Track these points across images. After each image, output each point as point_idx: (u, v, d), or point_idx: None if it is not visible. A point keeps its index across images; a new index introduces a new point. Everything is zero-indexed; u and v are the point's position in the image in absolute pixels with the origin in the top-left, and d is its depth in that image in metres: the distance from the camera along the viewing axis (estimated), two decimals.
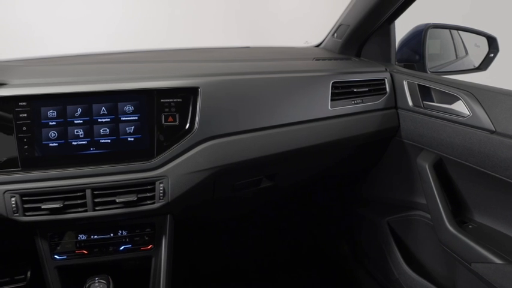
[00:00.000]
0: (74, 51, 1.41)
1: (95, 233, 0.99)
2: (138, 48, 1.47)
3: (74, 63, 1.14)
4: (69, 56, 1.35)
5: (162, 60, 1.19)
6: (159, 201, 0.94)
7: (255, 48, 1.63)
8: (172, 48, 1.55)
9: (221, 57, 1.32)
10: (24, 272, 1.40)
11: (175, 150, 0.96)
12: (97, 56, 1.33)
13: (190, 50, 1.51)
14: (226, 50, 1.59)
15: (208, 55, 1.36)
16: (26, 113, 0.93)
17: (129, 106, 0.96)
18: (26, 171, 0.93)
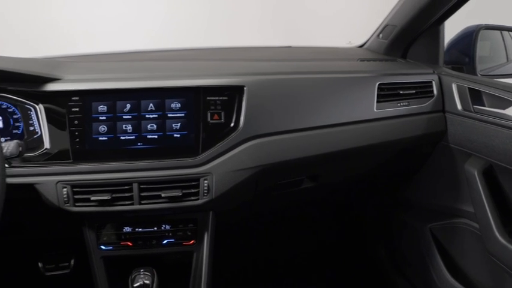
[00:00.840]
0: (118, 49, 1.45)
1: (140, 226, 1.02)
2: (182, 46, 1.50)
3: (122, 60, 1.18)
4: (117, 53, 1.40)
5: (207, 58, 1.20)
6: (203, 198, 0.95)
7: (296, 47, 1.63)
8: (215, 46, 1.57)
9: (264, 56, 1.32)
10: (68, 259, 1.46)
11: (220, 147, 0.97)
12: (143, 54, 1.36)
13: (233, 48, 1.52)
14: (268, 49, 1.59)
15: (251, 54, 1.36)
16: (78, 108, 0.96)
17: (176, 103, 0.98)
18: (77, 163, 0.96)
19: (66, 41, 2.98)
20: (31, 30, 2.96)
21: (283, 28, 3.58)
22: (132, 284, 0.90)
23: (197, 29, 3.41)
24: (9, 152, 0.85)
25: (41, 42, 2.88)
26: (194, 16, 3.44)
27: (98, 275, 1.01)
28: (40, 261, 1.46)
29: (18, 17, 2.95)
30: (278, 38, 3.49)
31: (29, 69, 0.94)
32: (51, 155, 0.97)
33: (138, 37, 3.31)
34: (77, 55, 1.37)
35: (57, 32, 3.00)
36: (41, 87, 0.96)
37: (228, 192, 0.97)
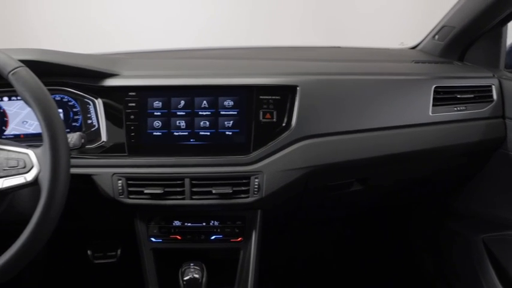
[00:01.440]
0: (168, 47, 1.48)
1: (189, 221, 1.03)
2: (232, 45, 1.51)
3: (174, 58, 1.20)
4: (167, 50, 1.43)
5: (258, 57, 1.20)
6: (253, 196, 0.95)
7: (345, 48, 1.60)
8: (262, 45, 1.57)
9: (315, 56, 1.31)
10: (115, 249, 1.51)
11: (272, 146, 0.97)
12: (193, 52, 1.39)
13: (281, 48, 1.52)
14: (316, 49, 1.58)
15: (301, 54, 1.35)
16: (134, 103, 0.99)
17: (229, 101, 0.98)
18: (132, 157, 0.99)
19: (112, 38, 3.07)
20: (78, 29, 3.09)
21: (325, 27, 3.53)
22: (182, 277, 0.92)
23: (239, 29, 3.42)
24: (73, 144, 0.88)
25: (89, 40, 2.99)
26: (235, 15, 3.46)
27: (147, 266, 1.03)
28: (89, 249, 1.52)
29: (72, 16, 3.08)
30: (319, 37, 3.44)
31: (90, 65, 0.98)
32: (108, 148, 1.00)
33: (181, 36, 3.37)
34: (129, 52, 1.41)
35: (102, 30, 3.10)
36: (101, 82, 0.99)
37: (277, 192, 0.96)
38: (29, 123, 1.08)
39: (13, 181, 0.74)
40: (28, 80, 0.73)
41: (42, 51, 0.95)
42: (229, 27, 3.38)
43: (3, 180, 0.75)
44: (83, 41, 3.09)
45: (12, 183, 0.74)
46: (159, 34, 3.29)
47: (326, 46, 1.60)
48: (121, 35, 3.14)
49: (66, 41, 2.89)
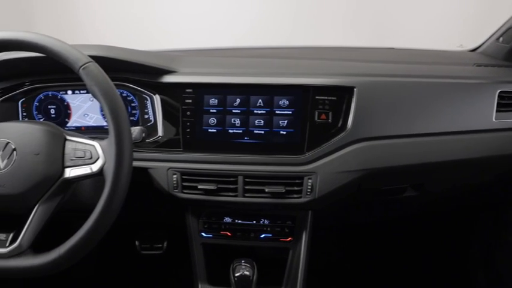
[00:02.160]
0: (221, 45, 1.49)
1: (239, 218, 1.04)
2: (284, 44, 1.51)
3: (229, 56, 1.21)
4: (222, 48, 1.44)
5: (312, 57, 1.19)
6: (306, 197, 0.95)
7: (400, 49, 1.56)
8: (315, 45, 1.56)
9: (370, 57, 1.28)
10: (162, 241, 1.55)
11: (327, 147, 0.96)
12: (247, 50, 1.39)
13: (334, 48, 1.50)
14: (370, 50, 1.55)
15: (355, 54, 1.33)
16: (191, 99, 1.01)
17: (284, 100, 0.98)
18: (187, 152, 1.01)
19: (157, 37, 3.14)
20: (126, 26, 3.19)
21: (371, 27, 3.44)
22: (233, 274, 0.92)
23: (282, 28, 3.41)
24: (134, 137, 0.91)
25: (137, 38, 3.08)
26: (279, 14, 3.45)
27: (197, 260, 1.05)
28: (137, 239, 1.57)
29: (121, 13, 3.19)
30: (365, 38, 3.36)
31: (150, 61, 1.01)
32: (163, 143, 1.03)
33: (224, 35, 3.39)
34: (182, 49, 1.43)
35: (148, 28, 3.19)
36: (159, 79, 1.02)
37: (330, 193, 0.95)
38: (90, 116, 1.12)
39: (79, 171, 0.78)
40: (97, 74, 0.76)
41: (108, 48, 0.99)
42: (273, 27, 3.37)
43: (70, 170, 0.78)
44: (131, 39, 3.20)
45: (79, 173, 0.78)
46: (204, 33, 3.34)
47: (379, 47, 1.56)
48: (166, 34, 3.22)
49: (116, 38, 3.00)
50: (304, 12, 3.25)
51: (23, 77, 1.07)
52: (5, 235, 0.78)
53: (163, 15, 3.27)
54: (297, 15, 3.26)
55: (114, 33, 3.05)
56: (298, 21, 3.31)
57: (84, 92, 1.11)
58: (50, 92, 1.11)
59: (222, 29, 3.34)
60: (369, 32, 3.38)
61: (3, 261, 0.76)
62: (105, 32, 3.00)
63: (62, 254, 0.75)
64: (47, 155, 0.77)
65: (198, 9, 3.31)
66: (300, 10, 3.25)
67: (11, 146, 0.78)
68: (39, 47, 0.76)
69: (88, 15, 3.11)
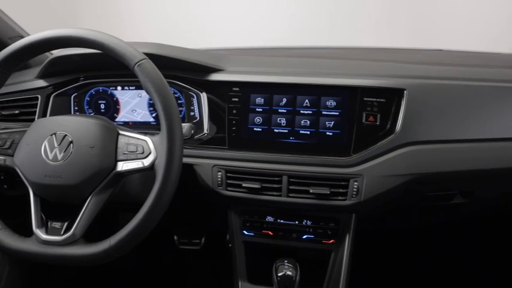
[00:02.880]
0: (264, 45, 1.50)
1: (282, 218, 1.04)
2: (330, 44, 1.49)
3: (275, 55, 1.21)
4: (267, 48, 1.45)
5: (359, 58, 1.17)
6: (351, 199, 0.94)
7: (448, 51, 1.51)
8: (361, 46, 1.54)
9: (420, 59, 1.25)
10: (200, 237, 1.57)
11: (374, 150, 0.94)
12: (292, 50, 1.39)
13: (380, 49, 1.48)
14: (417, 51, 1.51)
15: (403, 56, 1.30)
16: (237, 98, 1.01)
17: (331, 101, 0.97)
18: (232, 150, 1.02)
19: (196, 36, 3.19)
20: (165, 24, 3.25)
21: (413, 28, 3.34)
22: (276, 273, 0.92)
23: (319, 28, 3.38)
24: (183, 134, 0.93)
25: (174, 36, 3.14)
26: (317, 14, 3.42)
27: (238, 257, 1.06)
28: (176, 234, 1.60)
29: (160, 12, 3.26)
30: (404, 38, 3.28)
31: (199, 59, 1.02)
32: (208, 140, 1.04)
33: (262, 35, 3.41)
34: (228, 48, 1.45)
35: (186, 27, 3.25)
36: (207, 77, 1.03)
37: (376, 197, 0.94)
38: (138, 112, 1.15)
39: (131, 165, 0.80)
40: (151, 72, 0.78)
41: (160, 45, 1.01)
42: (310, 27, 3.35)
43: (123, 164, 0.80)
44: (168, 38, 3.27)
45: (131, 166, 0.80)
46: (241, 33, 3.36)
47: (427, 49, 1.53)
48: (201, 34, 3.26)
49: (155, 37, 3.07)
50: (342, 12, 3.21)
51: (78, 72, 1.11)
52: (59, 224, 0.82)
53: (199, 15, 3.32)
54: (335, 15, 3.23)
55: (152, 33, 3.13)
56: (335, 21, 3.27)
57: (133, 88, 1.14)
58: (101, 87, 1.14)
59: (258, 30, 3.36)
60: (412, 33, 3.30)
61: (57, 248, 0.79)
62: (144, 31, 3.08)
63: (113, 245, 0.77)
64: (102, 149, 0.80)
65: (234, 9, 3.35)
66: (338, 10, 3.22)
67: (68, 139, 0.81)
68: (97, 43, 0.79)
69: (129, 15, 3.21)
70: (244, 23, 3.34)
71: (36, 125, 0.85)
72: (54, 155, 0.80)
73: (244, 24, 3.35)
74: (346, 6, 3.22)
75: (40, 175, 0.80)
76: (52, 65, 1.07)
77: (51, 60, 1.05)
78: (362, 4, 3.25)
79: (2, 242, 0.81)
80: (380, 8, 3.18)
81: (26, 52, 0.83)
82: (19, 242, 0.81)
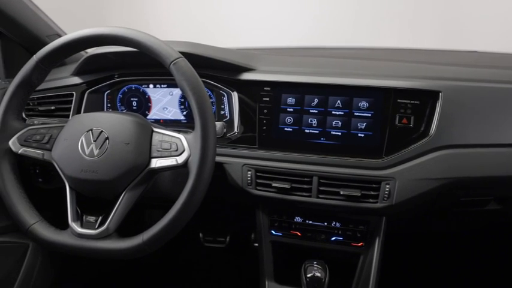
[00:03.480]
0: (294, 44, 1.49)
1: (310, 219, 1.04)
2: (355, 44, 1.48)
3: (306, 55, 1.20)
4: (296, 47, 1.44)
5: (394, 59, 1.16)
6: (383, 202, 0.92)
7: (483, 53, 1.47)
8: (391, 47, 1.51)
9: (454, 60, 1.22)
10: (225, 235, 1.58)
11: (407, 153, 0.92)
12: (323, 50, 1.38)
13: (413, 50, 1.45)
14: (451, 53, 1.47)
15: (436, 57, 1.27)
16: (268, 97, 1.01)
17: (363, 102, 0.96)
18: (262, 149, 1.02)
19: (220, 37, 3.21)
20: (191, 23, 3.29)
21: (442, 29, 3.26)
22: (305, 274, 0.92)
23: (343, 28, 3.34)
24: (216, 132, 0.93)
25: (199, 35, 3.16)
26: (342, 14, 3.39)
27: (265, 257, 1.06)
28: (201, 232, 1.61)
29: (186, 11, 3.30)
30: (432, 39, 3.20)
31: (231, 59, 1.03)
32: (238, 139, 1.05)
33: (286, 35, 3.40)
34: (259, 48, 1.45)
35: (216, 27, 3.27)
36: (238, 76, 1.03)
37: (408, 201, 0.92)
38: (169, 109, 1.17)
39: (165, 162, 0.81)
40: (187, 70, 0.79)
41: (193, 44, 1.02)
42: (334, 27, 3.32)
43: (157, 160, 0.81)
44: (193, 38, 3.31)
45: (164, 163, 0.81)
46: (266, 33, 3.36)
47: (461, 50, 1.49)
48: (226, 34, 3.28)
49: (180, 37, 3.10)
50: (367, 12, 3.17)
51: (111, 70, 1.14)
52: (94, 218, 0.84)
53: (224, 15, 3.34)
54: (359, 15, 3.19)
55: (178, 33, 3.16)
56: (360, 21, 3.23)
57: (165, 86, 1.15)
58: (133, 85, 1.16)
59: (282, 30, 3.35)
60: (440, 34, 3.23)
61: (92, 242, 0.81)
62: (170, 31, 3.12)
63: (145, 240, 0.78)
64: (136, 145, 0.81)
65: (258, 9, 3.35)
66: (363, 10, 3.17)
67: (104, 135, 0.83)
68: (134, 42, 0.80)
69: (154, 15, 3.26)
70: (269, 23, 3.35)
71: (73, 121, 0.88)
72: (90, 151, 0.82)
73: (268, 24, 3.35)
74: (372, 6, 3.18)
75: (76, 170, 0.82)
76: (87, 63, 1.10)
77: (87, 58, 1.07)
78: (387, 4, 3.20)
79: (39, 234, 0.83)
80: (407, 9, 3.12)
81: (66, 50, 0.85)
82: (55, 235, 0.83)
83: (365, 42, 3.08)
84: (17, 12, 1.10)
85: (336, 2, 3.25)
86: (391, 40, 3.13)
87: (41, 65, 0.86)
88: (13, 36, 1.16)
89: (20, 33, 1.15)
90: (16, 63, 1.23)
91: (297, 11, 3.30)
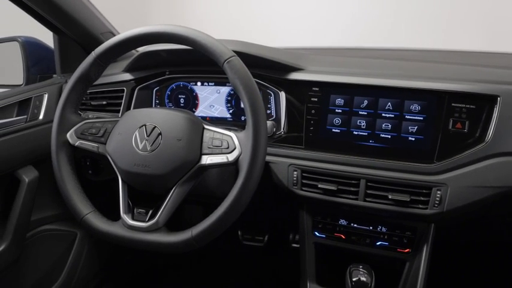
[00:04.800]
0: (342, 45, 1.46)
1: (355, 222, 1.02)
2: (408, 46, 1.44)
3: (355, 56, 1.18)
4: (340, 48, 1.42)
5: (446, 61, 1.12)
6: (433, 209, 0.90)
7: None
8: (444, 49, 1.46)
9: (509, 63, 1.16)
10: (264, 234, 1.58)
11: (460, 159, 0.89)
12: (372, 51, 1.36)
13: (464, 52, 1.39)
14: (502, 55, 1.41)
15: (491, 60, 1.22)
16: (317, 98, 1.01)
17: (415, 105, 0.94)
18: (308, 150, 1.01)
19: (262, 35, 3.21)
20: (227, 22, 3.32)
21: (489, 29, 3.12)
22: (350, 278, 0.91)
23: (380, 29, 3.27)
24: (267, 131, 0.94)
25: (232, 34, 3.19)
26: (379, 14, 3.32)
27: (308, 258, 1.05)
28: (240, 229, 1.62)
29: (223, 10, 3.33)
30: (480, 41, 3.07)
31: (280, 58, 1.03)
32: (285, 138, 1.04)
33: (322, 35, 3.37)
34: (304, 48, 1.44)
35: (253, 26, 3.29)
36: (286, 75, 1.03)
37: (460, 208, 0.89)
38: (215, 107, 1.18)
39: (216, 159, 0.82)
40: (240, 69, 0.79)
41: (244, 43, 1.03)
42: (372, 27, 3.25)
43: (207, 157, 0.82)
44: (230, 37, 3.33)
45: (215, 160, 0.82)
46: (302, 33, 3.34)
47: (506, 52, 1.42)
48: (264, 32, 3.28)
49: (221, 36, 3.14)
50: (405, 12, 3.08)
51: (161, 67, 1.16)
52: (145, 210, 0.86)
53: (262, 14, 3.35)
54: (398, 15, 3.11)
55: (216, 32, 3.22)
56: (398, 22, 3.14)
57: (212, 84, 1.17)
58: (182, 82, 1.19)
59: (319, 29, 3.32)
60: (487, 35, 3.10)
61: (142, 234, 0.83)
62: (208, 29, 3.18)
63: (194, 235, 0.79)
64: (188, 142, 0.82)
65: (296, 9, 3.34)
66: (402, 10, 3.09)
67: (157, 131, 0.84)
68: (190, 40, 0.82)
69: (194, 15, 3.32)
70: (306, 22, 3.33)
71: (127, 116, 0.90)
72: (143, 145, 0.84)
73: (304, 24, 3.33)
74: (409, 6, 3.09)
75: (130, 163, 0.84)
76: (139, 60, 1.13)
77: (140, 55, 1.10)
78: (428, 4, 3.10)
79: (92, 224, 0.86)
80: (451, 8, 3.01)
81: (123, 47, 0.88)
82: (108, 225, 0.85)
83: (403, 43, 3.01)
84: (75, 10, 1.14)
85: (373, 2, 3.20)
86: (430, 42, 3.04)
87: (98, 61, 0.89)
88: (70, 33, 1.20)
89: (76, 30, 1.20)
90: (70, 59, 1.28)
91: (334, 10, 3.27)
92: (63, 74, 1.27)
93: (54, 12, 1.12)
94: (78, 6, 1.16)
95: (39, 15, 1.12)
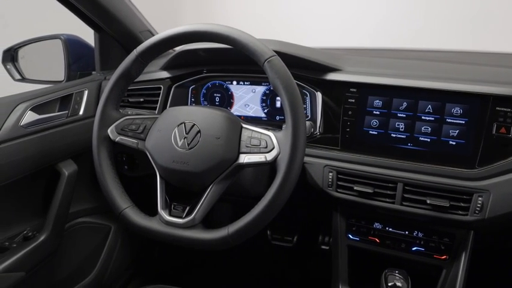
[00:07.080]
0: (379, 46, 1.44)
1: (391, 226, 1.00)
2: (446, 48, 1.40)
3: (394, 57, 1.16)
4: (376, 49, 1.40)
5: (488, 63, 1.08)
6: (474, 215, 0.87)
7: None
8: (484, 51, 1.42)
9: None
10: (292, 236, 1.58)
11: (504, 165, 0.87)
12: (405, 52, 1.33)
13: (507, 54, 1.35)
14: None
15: None
16: (354, 99, 1.00)
17: (457, 108, 0.91)
18: (344, 151, 1.00)
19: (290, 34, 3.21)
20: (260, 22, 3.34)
21: None
22: (386, 282, 0.89)
23: (408, 29, 3.20)
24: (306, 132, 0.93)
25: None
26: (409, 15, 3.25)
27: (341, 261, 1.04)
28: (269, 229, 1.62)
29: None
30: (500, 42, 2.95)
31: (318, 58, 1.02)
32: (320, 139, 1.04)
33: (354, 35, 3.34)
34: (341, 48, 1.42)
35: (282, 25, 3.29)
36: (323, 76, 1.02)
37: (503, 216, 0.86)
38: (250, 106, 1.19)
39: (254, 158, 0.82)
40: (280, 68, 0.79)
41: (282, 43, 1.03)
42: (399, 28, 3.19)
43: (245, 156, 0.83)
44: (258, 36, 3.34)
45: (253, 160, 0.82)
46: (331, 33, 3.32)
47: None
48: (293, 32, 3.27)
49: None
50: (434, 12, 3.00)
51: (197, 66, 1.18)
52: (182, 207, 0.87)
53: (291, 13, 3.34)
54: (428, 15, 3.03)
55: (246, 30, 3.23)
56: (428, 22, 3.06)
57: (248, 83, 1.17)
58: (217, 81, 1.19)
59: (348, 29, 3.28)
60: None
61: (179, 230, 0.84)
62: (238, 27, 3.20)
63: (231, 233, 0.80)
64: (226, 140, 0.83)
65: (325, 9, 3.31)
66: (431, 10, 3.01)
67: (196, 128, 0.85)
68: (230, 39, 0.82)
69: (223, 15, 3.35)
70: (334, 22, 3.30)
71: (167, 114, 0.91)
72: (182, 143, 0.85)
73: (334, 23, 3.30)
74: (439, 5, 3.01)
75: (168, 160, 0.85)
76: (177, 58, 1.14)
77: (178, 53, 1.12)
78: (460, 5, 3.01)
79: (131, 218, 0.87)
80: (482, 10, 2.92)
81: (164, 45, 0.89)
82: (145, 221, 0.87)
83: (432, 44, 2.93)
84: (116, 8, 1.17)
85: (402, 2, 3.14)
86: (459, 43, 2.94)
87: (140, 58, 0.91)
88: (110, 31, 1.23)
89: (117, 28, 1.22)
90: (110, 56, 1.31)
91: (364, 10, 3.23)
92: (102, 71, 1.30)
93: (97, 10, 1.15)
94: (119, 4, 1.18)
95: (83, 14, 1.15)
